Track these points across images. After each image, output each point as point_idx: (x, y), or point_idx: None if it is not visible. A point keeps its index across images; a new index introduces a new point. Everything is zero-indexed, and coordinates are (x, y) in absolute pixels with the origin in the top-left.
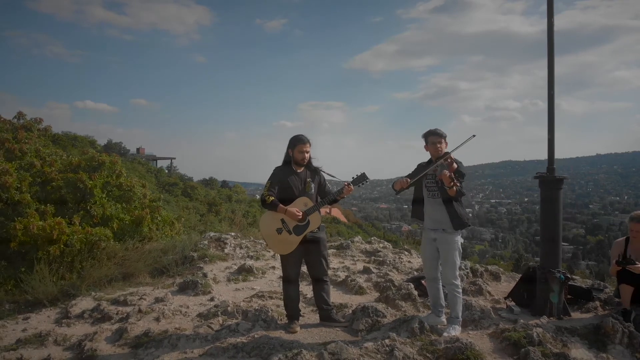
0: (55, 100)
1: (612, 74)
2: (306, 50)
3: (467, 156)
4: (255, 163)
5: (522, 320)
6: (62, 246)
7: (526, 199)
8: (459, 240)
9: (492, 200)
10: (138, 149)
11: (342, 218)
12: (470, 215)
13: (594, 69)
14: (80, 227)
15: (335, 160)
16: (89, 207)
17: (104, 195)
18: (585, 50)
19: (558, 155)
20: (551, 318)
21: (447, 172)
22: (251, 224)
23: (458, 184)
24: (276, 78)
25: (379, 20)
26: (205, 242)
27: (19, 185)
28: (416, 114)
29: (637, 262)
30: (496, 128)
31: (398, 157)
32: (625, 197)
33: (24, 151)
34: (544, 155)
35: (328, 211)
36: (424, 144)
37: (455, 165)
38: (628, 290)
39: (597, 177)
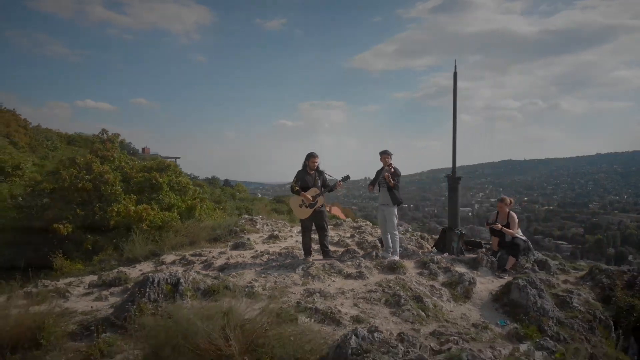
0: (56, 99)
1: (612, 73)
2: (306, 50)
3: (467, 156)
4: (255, 163)
5: (432, 255)
6: (148, 223)
7: (526, 198)
8: (395, 210)
9: (492, 200)
10: (143, 149)
11: (342, 216)
12: (470, 214)
13: (593, 69)
14: (158, 211)
15: (338, 159)
16: (159, 198)
17: (168, 189)
18: (585, 50)
19: (558, 155)
20: (452, 255)
21: (388, 174)
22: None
23: (392, 181)
24: (276, 77)
25: (379, 20)
26: (242, 221)
27: (113, 181)
28: (416, 113)
29: (498, 224)
30: (496, 127)
31: (398, 156)
32: (625, 196)
33: (113, 157)
34: (543, 155)
35: (328, 209)
36: (380, 157)
37: (392, 169)
38: (495, 240)
39: (597, 177)
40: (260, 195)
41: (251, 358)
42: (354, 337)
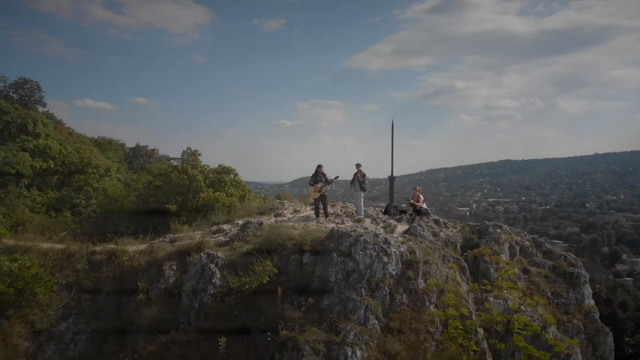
0: (55, 98)
1: (609, 73)
2: (305, 50)
3: (467, 155)
4: (254, 163)
5: (380, 216)
6: (222, 204)
7: (524, 198)
8: (362, 194)
9: (490, 199)
10: (152, 150)
11: None
12: (468, 214)
13: (591, 69)
14: (226, 197)
15: (336, 159)
16: (224, 189)
17: (230, 184)
18: (582, 50)
19: (556, 154)
20: (391, 217)
21: (361, 176)
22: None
23: (363, 181)
24: (275, 77)
25: (376, 20)
26: (276, 203)
27: (200, 180)
28: (415, 113)
29: (411, 200)
30: (495, 127)
31: (398, 156)
32: (622, 196)
33: (196, 165)
34: (542, 155)
35: None
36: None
37: (364, 173)
38: (410, 209)
39: (595, 177)
40: (263, 195)
41: (302, 236)
42: (335, 226)
